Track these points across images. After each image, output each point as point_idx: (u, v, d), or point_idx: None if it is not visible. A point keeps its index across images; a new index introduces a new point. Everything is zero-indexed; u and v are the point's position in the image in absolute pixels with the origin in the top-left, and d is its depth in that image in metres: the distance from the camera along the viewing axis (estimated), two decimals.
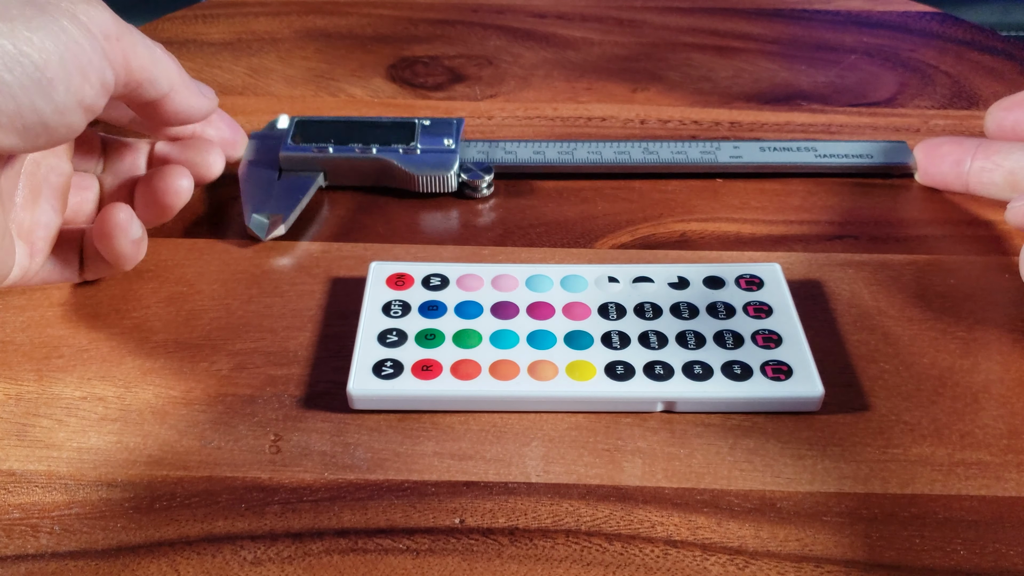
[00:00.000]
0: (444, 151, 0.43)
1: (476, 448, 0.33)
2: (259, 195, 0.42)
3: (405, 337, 0.35)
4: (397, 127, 0.44)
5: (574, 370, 0.34)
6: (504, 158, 0.44)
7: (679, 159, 0.45)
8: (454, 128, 0.44)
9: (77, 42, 0.29)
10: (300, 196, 0.42)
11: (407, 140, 0.43)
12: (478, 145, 0.45)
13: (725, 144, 0.45)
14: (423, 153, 0.43)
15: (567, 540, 0.30)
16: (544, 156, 0.45)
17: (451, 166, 0.43)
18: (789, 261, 0.41)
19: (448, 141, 0.43)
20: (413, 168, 0.42)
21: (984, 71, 0.56)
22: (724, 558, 0.30)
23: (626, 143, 0.45)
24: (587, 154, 0.45)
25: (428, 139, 0.43)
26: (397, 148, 0.43)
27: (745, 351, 0.35)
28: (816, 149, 0.46)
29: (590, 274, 0.38)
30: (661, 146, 0.45)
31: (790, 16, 0.62)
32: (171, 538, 0.30)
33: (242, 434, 0.33)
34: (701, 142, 0.45)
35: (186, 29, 0.60)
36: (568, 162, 0.44)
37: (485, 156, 0.44)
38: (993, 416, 0.34)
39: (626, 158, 0.44)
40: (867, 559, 0.29)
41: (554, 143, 0.45)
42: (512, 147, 0.45)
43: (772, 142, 0.46)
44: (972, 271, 0.41)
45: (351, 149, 0.43)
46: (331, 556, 0.30)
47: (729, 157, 0.45)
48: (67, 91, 0.29)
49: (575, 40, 0.59)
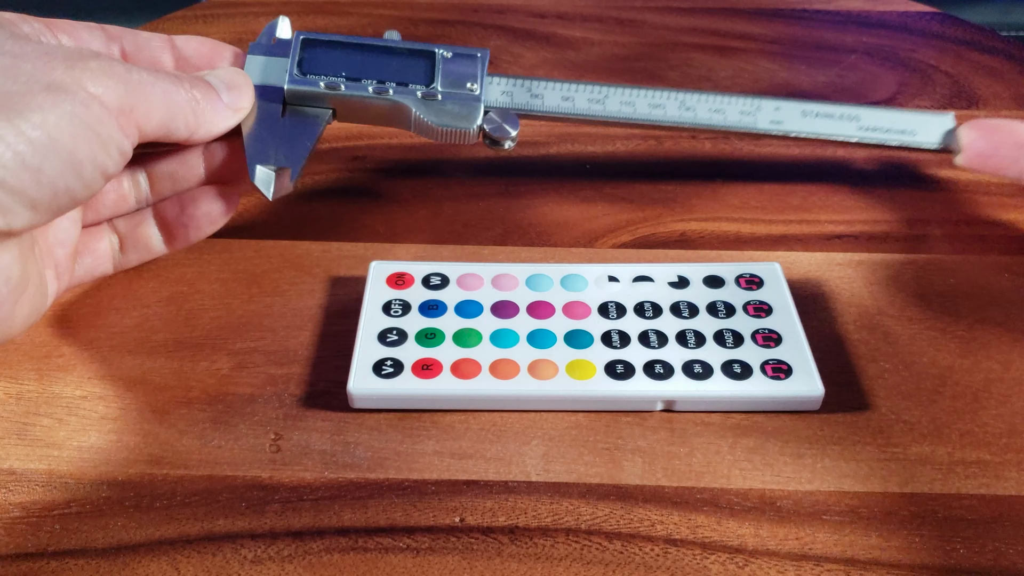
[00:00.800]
0: (467, 97, 0.38)
1: (476, 447, 0.33)
2: (262, 137, 0.36)
3: (405, 336, 0.35)
4: (415, 58, 0.38)
5: (574, 369, 0.34)
6: (530, 103, 0.39)
7: (716, 120, 0.41)
8: (478, 65, 0.39)
9: (98, 118, 0.29)
10: (307, 142, 0.37)
11: (427, 79, 0.38)
12: (502, 83, 0.39)
13: (766, 104, 0.41)
14: (444, 99, 0.38)
15: (567, 539, 0.30)
16: (573, 104, 0.40)
17: (475, 118, 0.38)
18: (789, 260, 0.41)
19: (472, 85, 0.38)
20: (432, 117, 0.37)
21: (984, 71, 0.56)
22: (724, 556, 0.30)
23: (662, 93, 0.40)
24: (619, 105, 0.40)
25: (450, 78, 0.38)
26: (415, 90, 0.37)
27: (745, 350, 0.35)
28: (859, 119, 0.42)
29: (590, 273, 0.38)
30: (698, 100, 0.41)
31: (790, 16, 0.62)
32: (171, 537, 0.30)
33: (242, 433, 0.33)
34: (741, 98, 0.41)
35: (186, 29, 0.60)
36: (598, 113, 0.40)
37: (509, 99, 0.39)
38: (993, 415, 0.34)
39: (660, 113, 0.40)
40: (867, 558, 0.29)
41: (584, 86, 0.40)
42: (539, 88, 0.40)
43: (816, 104, 0.42)
44: (972, 270, 0.41)
45: (364, 87, 0.37)
46: (331, 555, 0.30)
47: (769, 122, 0.41)
48: (93, 167, 0.29)
49: (575, 40, 0.59)
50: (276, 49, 0.38)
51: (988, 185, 0.46)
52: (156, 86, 0.31)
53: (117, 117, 0.30)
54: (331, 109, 0.38)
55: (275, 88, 0.37)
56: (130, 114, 0.30)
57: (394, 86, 0.37)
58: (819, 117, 0.41)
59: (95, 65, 0.29)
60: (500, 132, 0.38)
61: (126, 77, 0.30)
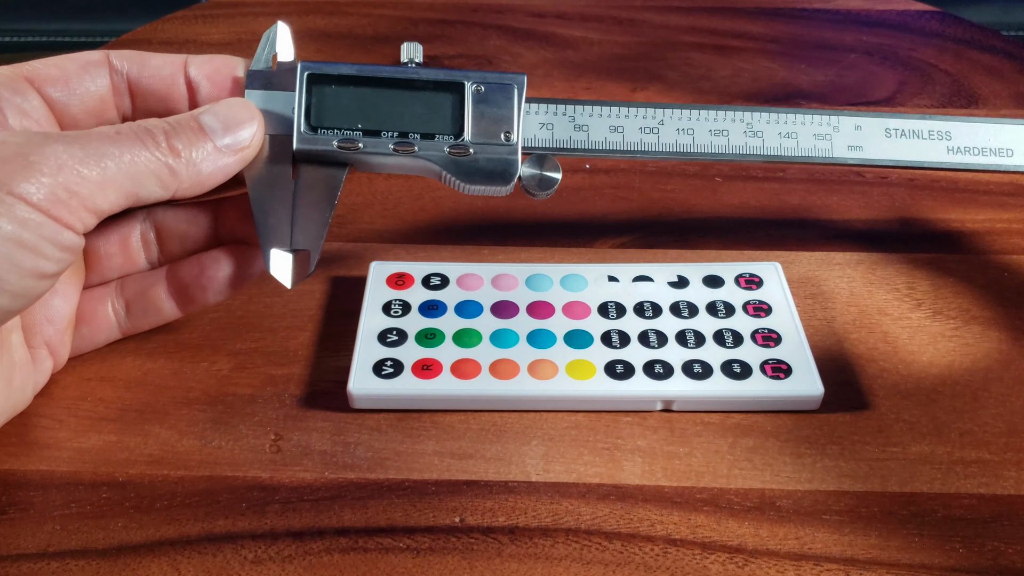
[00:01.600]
0: (503, 151, 0.33)
1: (476, 447, 0.33)
2: (274, 210, 0.31)
3: (405, 336, 0.36)
4: (441, 94, 0.33)
5: (574, 369, 0.34)
6: (573, 138, 0.34)
7: (787, 148, 0.35)
8: (514, 101, 0.33)
9: (21, 222, 0.25)
10: (325, 213, 0.32)
11: (455, 127, 0.32)
12: (539, 112, 0.34)
13: (844, 121, 0.35)
14: (476, 155, 0.32)
15: (567, 539, 0.30)
16: (623, 136, 0.34)
17: (511, 175, 0.33)
18: (788, 260, 0.41)
19: (507, 135, 0.33)
20: (463, 179, 0.32)
21: (984, 70, 0.56)
22: (723, 556, 0.30)
23: (724, 113, 0.35)
24: (675, 134, 0.34)
25: (482, 124, 0.32)
26: (443, 144, 0.32)
27: (745, 350, 0.35)
28: (950, 135, 0.36)
29: (590, 273, 0.38)
30: (766, 122, 0.35)
31: (789, 15, 0.62)
32: (172, 537, 0.30)
33: (242, 433, 0.33)
34: (816, 115, 0.35)
35: (186, 29, 0.60)
36: (652, 147, 0.34)
37: (550, 135, 0.34)
38: (992, 415, 0.34)
39: (723, 142, 0.34)
40: (866, 557, 0.29)
41: (633, 111, 0.34)
42: (584, 117, 0.34)
43: (899, 118, 0.36)
44: (971, 270, 0.41)
45: (384, 144, 0.32)
46: (331, 555, 0.30)
47: (847, 148, 0.35)
48: (20, 277, 0.26)
49: (574, 40, 0.59)
50: (278, 78, 0.32)
51: (987, 184, 0.46)
52: (107, 158, 0.27)
53: (53, 211, 0.26)
54: (347, 166, 0.33)
55: (282, 139, 0.32)
56: (71, 201, 0.26)
57: (419, 140, 0.32)
58: (904, 137, 0.36)
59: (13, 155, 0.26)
60: (540, 187, 0.33)
61: (60, 161, 0.26)
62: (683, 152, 0.34)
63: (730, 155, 0.35)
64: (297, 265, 0.31)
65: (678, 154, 0.34)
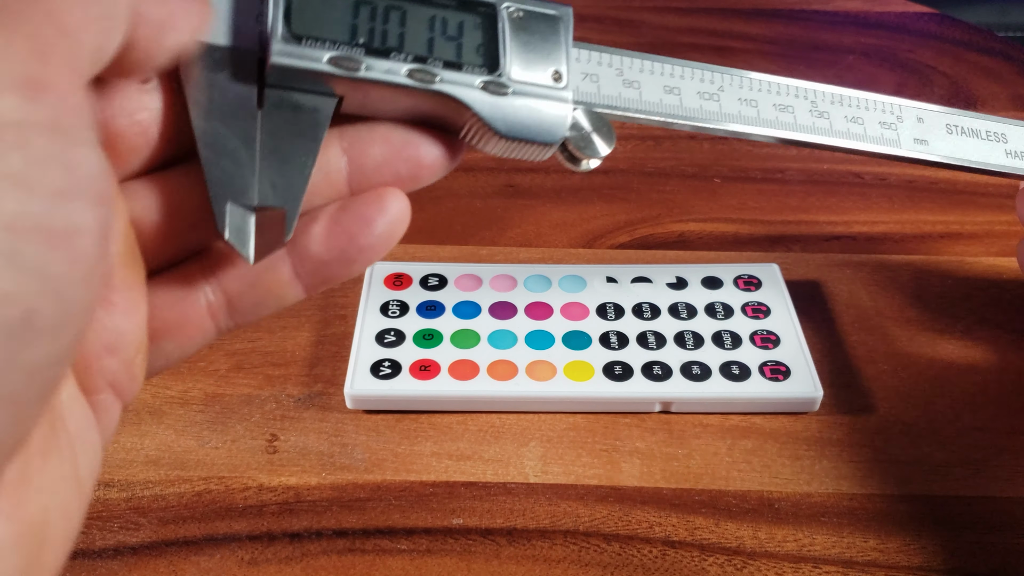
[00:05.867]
0: (551, 94, 0.24)
1: (474, 448, 0.33)
2: (231, 155, 0.22)
3: (403, 337, 0.35)
4: (469, 14, 0.24)
5: (572, 370, 0.34)
6: (624, 95, 0.27)
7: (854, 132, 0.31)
8: (561, 34, 0.25)
9: None
10: (306, 157, 0.22)
11: (490, 62, 0.24)
12: (580, 59, 0.26)
13: (907, 110, 0.32)
14: (517, 95, 0.24)
15: (565, 540, 0.30)
16: (680, 100, 0.28)
17: (560, 127, 0.24)
18: (787, 261, 0.41)
19: (556, 74, 0.25)
20: (499, 126, 0.24)
21: (982, 72, 0.56)
22: (722, 558, 0.30)
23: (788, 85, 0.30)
24: (738, 104, 0.29)
25: (523, 57, 0.24)
26: (474, 79, 0.23)
27: (743, 351, 0.35)
28: (1006, 138, 0.33)
29: (588, 274, 0.38)
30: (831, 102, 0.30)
31: (788, 16, 0.62)
32: (169, 538, 0.30)
33: (240, 434, 0.33)
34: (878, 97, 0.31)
35: None
36: (713, 116, 0.28)
37: (595, 88, 0.26)
38: (991, 416, 0.34)
39: (789, 119, 0.29)
40: (865, 559, 0.29)
41: (689, 71, 0.28)
42: (633, 72, 0.27)
43: (960, 115, 0.33)
44: (970, 271, 0.41)
45: (396, 67, 0.23)
46: (329, 556, 0.30)
47: (913, 141, 0.31)
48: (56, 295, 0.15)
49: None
50: None
51: (986, 186, 0.46)
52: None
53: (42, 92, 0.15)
54: (338, 97, 0.23)
55: (247, 54, 0.22)
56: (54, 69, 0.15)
57: (441, 68, 0.23)
58: (965, 136, 0.32)
59: None
60: (589, 149, 0.25)
61: None
62: (749, 122, 0.28)
63: (798, 134, 0.29)
64: (264, 228, 0.21)
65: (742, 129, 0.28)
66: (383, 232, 0.22)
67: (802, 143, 0.29)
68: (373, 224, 0.22)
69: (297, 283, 0.23)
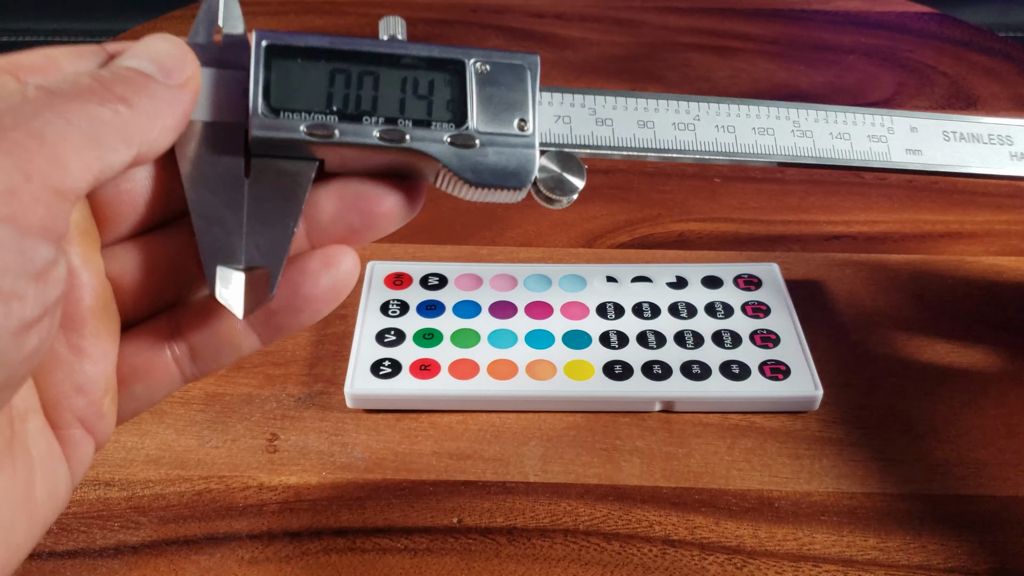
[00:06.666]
0: (517, 142, 0.26)
1: (474, 448, 0.33)
2: (220, 217, 0.24)
3: (403, 336, 0.35)
4: (436, 73, 0.26)
5: (572, 370, 0.34)
6: (597, 133, 0.27)
7: (840, 149, 0.31)
8: (528, 84, 0.26)
9: None
10: (289, 220, 0.24)
11: (456, 113, 0.25)
12: (554, 103, 0.27)
13: (899, 122, 0.32)
14: (485, 146, 0.25)
15: (565, 539, 0.30)
16: (654, 133, 0.28)
17: (528, 172, 0.26)
18: (787, 261, 0.41)
19: (521, 122, 0.26)
20: (469, 177, 0.25)
21: (982, 71, 0.56)
22: (722, 557, 0.30)
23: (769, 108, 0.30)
24: (715, 132, 0.29)
25: (490, 110, 0.26)
26: (442, 134, 0.25)
27: (743, 351, 0.35)
28: (1011, 140, 0.32)
29: (588, 274, 0.38)
30: (815, 120, 0.31)
31: (788, 16, 0.62)
32: (169, 537, 0.30)
33: (240, 434, 0.33)
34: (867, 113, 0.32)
35: (185, 28, 0.60)
36: (688, 146, 0.28)
37: (567, 130, 0.27)
38: (991, 415, 0.34)
39: (769, 142, 0.30)
40: (864, 558, 0.29)
41: (664, 103, 0.28)
42: (606, 109, 0.28)
43: (955, 120, 0.32)
44: (969, 271, 0.41)
45: (367, 131, 0.25)
46: (329, 555, 0.30)
47: (905, 151, 0.32)
48: None
49: (573, 40, 0.59)
50: (224, 54, 0.25)
51: (986, 186, 0.46)
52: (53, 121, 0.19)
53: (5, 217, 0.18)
54: (317, 161, 0.25)
55: (235, 128, 0.24)
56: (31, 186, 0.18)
57: (410, 127, 0.25)
58: (964, 141, 0.32)
59: None
60: (560, 190, 0.26)
61: None
62: (725, 152, 0.29)
63: (777, 158, 0.30)
64: (251, 287, 0.23)
65: (720, 155, 0.29)
66: (327, 285, 0.24)
67: (786, 164, 0.29)
68: (317, 277, 0.24)
69: (251, 332, 0.25)
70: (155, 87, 0.22)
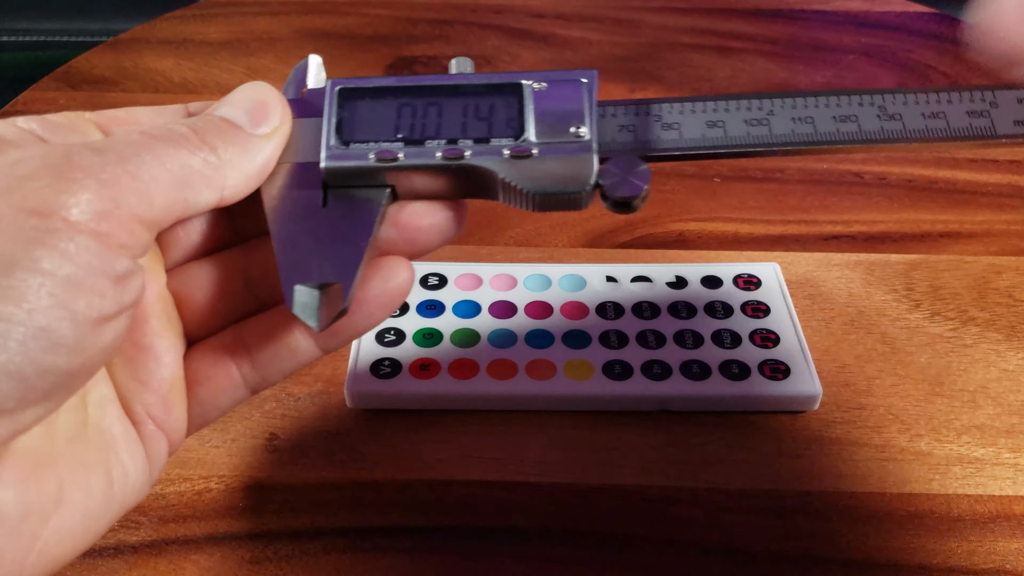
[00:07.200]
0: (573, 148, 0.27)
1: (474, 447, 0.33)
2: (299, 241, 0.26)
3: (403, 336, 0.35)
4: (495, 97, 0.28)
5: (572, 369, 0.34)
6: (662, 138, 0.28)
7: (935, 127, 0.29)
8: (584, 96, 0.27)
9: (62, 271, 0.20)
10: (361, 240, 0.26)
11: (514, 128, 0.27)
12: (616, 114, 0.28)
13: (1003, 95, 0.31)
14: (543, 155, 0.26)
15: (565, 539, 0.30)
16: (725, 132, 0.28)
17: (587, 176, 0.26)
18: (787, 261, 0.41)
19: (578, 128, 0.27)
20: (527, 183, 0.26)
21: (982, 72, 0.56)
22: (722, 557, 0.30)
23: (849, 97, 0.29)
24: (791, 123, 0.28)
25: (546, 122, 0.27)
26: (500, 147, 0.26)
27: (743, 350, 0.35)
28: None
29: (588, 273, 0.38)
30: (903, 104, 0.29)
31: (788, 16, 0.62)
32: (170, 537, 0.30)
33: (240, 433, 0.33)
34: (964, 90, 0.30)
35: (184, 28, 0.60)
36: (762, 139, 0.28)
37: (632, 137, 0.28)
38: (990, 415, 0.34)
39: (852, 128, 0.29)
40: (865, 558, 0.29)
41: (737, 102, 0.28)
42: (672, 113, 0.28)
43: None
44: (968, 270, 0.41)
45: (431, 152, 0.26)
46: (329, 555, 0.30)
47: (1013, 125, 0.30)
48: (73, 326, 0.21)
49: (573, 40, 0.59)
50: (307, 106, 0.28)
51: (985, 186, 0.46)
52: (147, 163, 0.22)
53: (100, 229, 0.21)
54: (389, 187, 0.27)
55: (312, 166, 0.27)
56: (119, 214, 0.21)
57: (471, 145, 0.26)
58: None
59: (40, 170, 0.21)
60: (625, 190, 0.27)
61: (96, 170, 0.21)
62: (804, 141, 0.28)
63: (862, 140, 0.28)
64: (326, 302, 0.25)
65: (799, 144, 0.28)
66: (379, 291, 0.26)
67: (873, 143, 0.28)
68: (370, 282, 0.26)
69: (308, 339, 0.27)
70: (243, 138, 0.25)
